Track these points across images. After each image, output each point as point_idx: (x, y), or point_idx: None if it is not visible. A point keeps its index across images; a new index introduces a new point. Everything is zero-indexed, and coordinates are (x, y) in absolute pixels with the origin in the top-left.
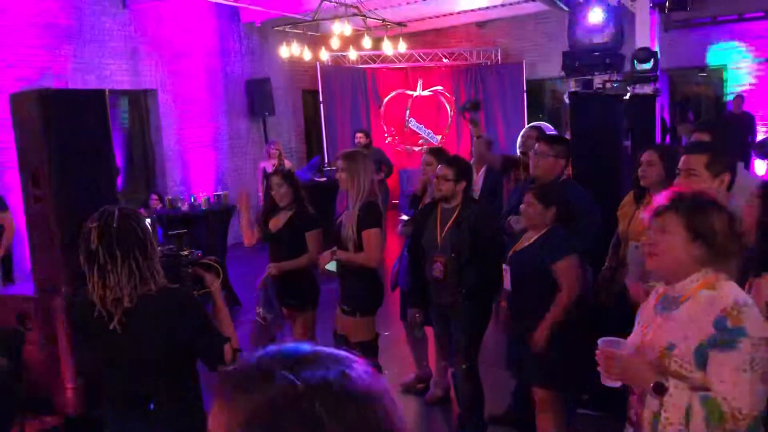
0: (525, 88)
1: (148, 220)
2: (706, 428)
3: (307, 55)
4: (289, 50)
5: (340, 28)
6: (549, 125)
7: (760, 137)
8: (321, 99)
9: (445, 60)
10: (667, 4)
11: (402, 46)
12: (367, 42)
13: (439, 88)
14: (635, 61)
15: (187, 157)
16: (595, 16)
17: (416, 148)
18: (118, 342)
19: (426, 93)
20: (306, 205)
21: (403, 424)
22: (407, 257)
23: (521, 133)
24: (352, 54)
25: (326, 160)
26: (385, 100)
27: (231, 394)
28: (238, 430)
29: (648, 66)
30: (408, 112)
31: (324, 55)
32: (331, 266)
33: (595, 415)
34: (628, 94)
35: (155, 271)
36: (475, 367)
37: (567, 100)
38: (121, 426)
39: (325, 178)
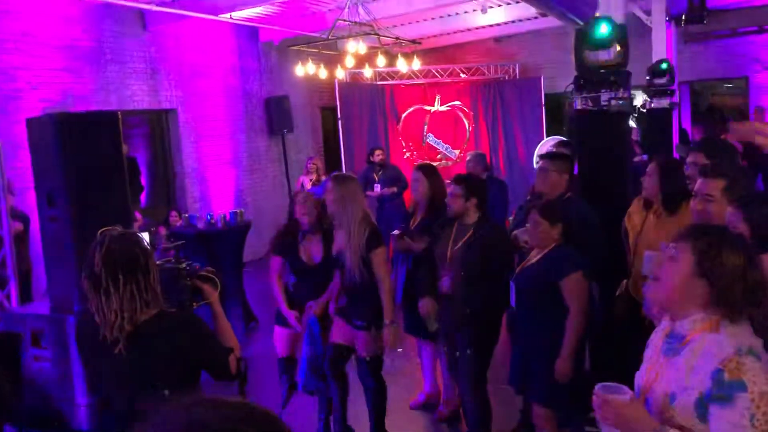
0: (543, 102)
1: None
2: None
3: (323, 73)
4: (305, 69)
5: (355, 47)
6: (564, 139)
7: None
8: (339, 116)
9: (462, 75)
10: (683, 17)
11: (417, 63)
12: (381, 60)
13: (457, 103)
14: (653, 75)
15: (207, 175)
16: (601, 33)
17: (435, 163)
18: (123, 364)
19: (444, 108)
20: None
21: None
22: (402, 272)
23: (536, 151)
24: (368, 71)
25: None
26: (403, 115)
27: None
28: None
29: (663, 80)
30: (426, 127)
31: (340, 73)
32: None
33: None
34: (645, 108)
35: (156, 293)
36: (484, 384)
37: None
38: None
39: None
